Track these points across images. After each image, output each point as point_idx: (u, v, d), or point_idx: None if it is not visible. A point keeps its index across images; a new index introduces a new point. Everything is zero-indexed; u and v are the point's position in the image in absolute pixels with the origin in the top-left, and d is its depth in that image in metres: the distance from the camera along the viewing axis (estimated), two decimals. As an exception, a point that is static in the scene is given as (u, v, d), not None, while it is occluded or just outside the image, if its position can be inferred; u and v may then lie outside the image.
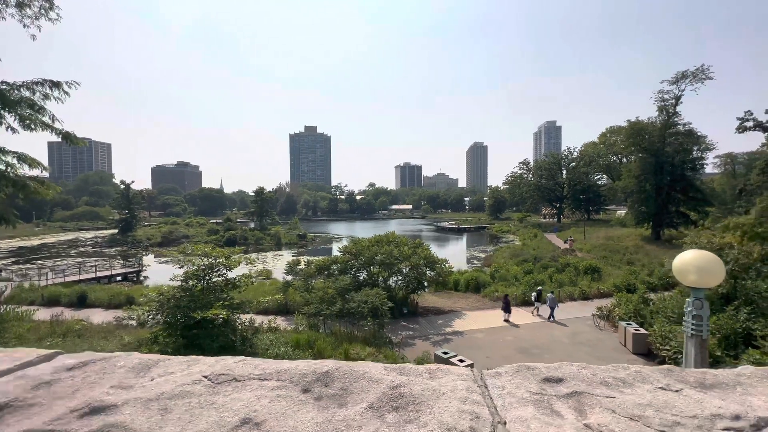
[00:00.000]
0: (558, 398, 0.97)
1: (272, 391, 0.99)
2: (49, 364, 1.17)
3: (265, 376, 1.08)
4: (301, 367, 1.11)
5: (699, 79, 46.62)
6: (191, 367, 1.16)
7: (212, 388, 1.03)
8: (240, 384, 1.05)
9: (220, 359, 1.22)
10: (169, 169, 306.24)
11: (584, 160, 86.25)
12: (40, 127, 12.08)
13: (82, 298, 25.13)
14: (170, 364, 1.19)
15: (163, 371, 1.15)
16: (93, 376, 1.10)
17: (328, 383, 1.04)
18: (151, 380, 1.08)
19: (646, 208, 49.11)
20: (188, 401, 0.96)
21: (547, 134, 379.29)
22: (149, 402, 0.95)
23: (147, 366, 1.18)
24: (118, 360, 1.20)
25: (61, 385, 1.04)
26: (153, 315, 10.87)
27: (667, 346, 15.51)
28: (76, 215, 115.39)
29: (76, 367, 1.15)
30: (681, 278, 5.35)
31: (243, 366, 1.14)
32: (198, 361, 1.21)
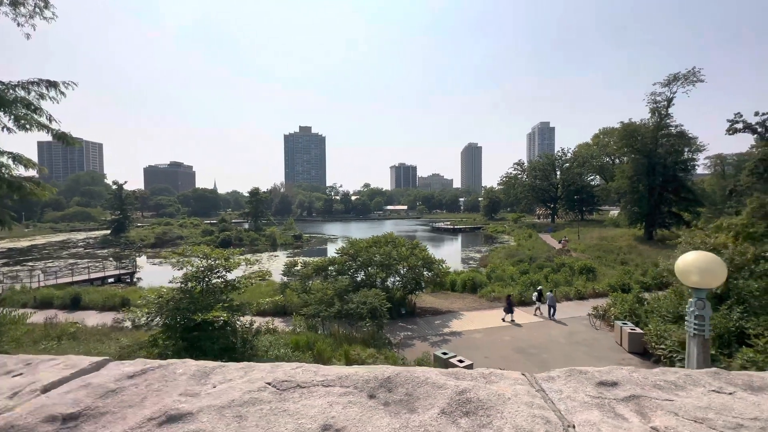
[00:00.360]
0: (618, 402, 0.99)
1: (341, 397, 1.00)
2: (107, 372, 1.18)
3: (328, 382, 1.09)
4: (362, 373, 1.12)
5: (690, 82, 47.40)
6: (248, 374, 1.17)
7: (279, 394, 1.04)
8: (306, 390, 1.06)
9: (276, 365, 1.23)
10: (162, 170, 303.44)
11: (578, 161, 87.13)
12: (36, 128, 11.92)
13: (75, 300, 24.81)
14: (227, 371, 1.20)
15: (222, 378, 1.16)
16: (156, 384, 1.11)
17: (391, 389, 1.05)
18: (214, 387, 1.09)
19: (639, 209, 49.75)
20: (260, 408, 0.97)
21: (541, 135, 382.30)
22: (222, 409, 0.96)
23: (205, 373, 1.18)
24: (176, 367, 1.21)
25: (128, 393, 1.05)
26: (152, 317, 10.77)
27: (663, 345, 15.73)
28: (66, 216, 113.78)
29: (137, 375, 1.16)
30: (683, 279, 5.45)
31: (303, 372, 1.15)
32: (253, 368, 1.22)
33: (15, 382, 1.14)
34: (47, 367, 1.25)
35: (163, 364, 1.23)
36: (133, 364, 1.25)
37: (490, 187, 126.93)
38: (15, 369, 1.25)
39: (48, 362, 1.30)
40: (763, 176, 45.92)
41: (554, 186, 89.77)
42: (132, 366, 1.23)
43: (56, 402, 0.97)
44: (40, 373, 1.21)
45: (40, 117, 11.64)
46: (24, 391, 1.07)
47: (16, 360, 1.32)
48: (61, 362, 1.29)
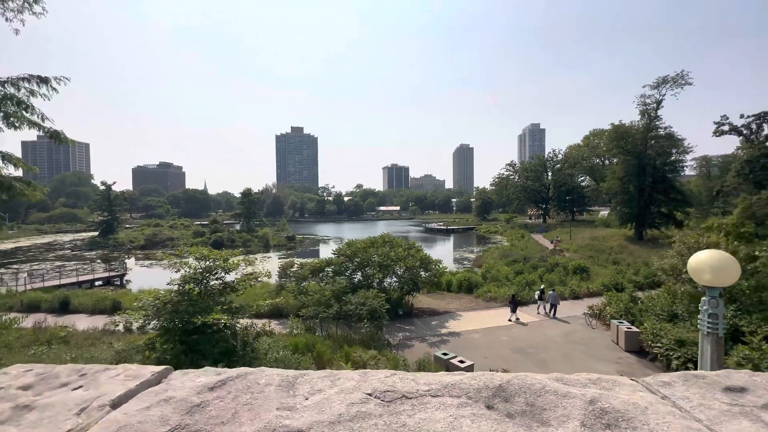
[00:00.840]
0: (759, 409, 0.92)
1: (460, 409, 0.90)
2: (180, 383, 1.05)
3: (435, 392, 0.99)
4: (468, 381, 1.02)
5: (679, 85, 48.33)
6: (337, 383, 1.06)
7: (387, 407, 0.94)
8: (416, 402, 0.96)
9: (365, 373, 1.12)
10: (151, 170, 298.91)
11: (569, 162, 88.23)
12: (26, 126, 11.54)
13: (64, 303, 24.15)
14: (311, 379, 1.08)
15: (310, 388, 1.04)
16: (243, 396, 0.99)
17: (507, 398, 0.96)
18: (306, 399, 0.98)
19: (629, 209, 50.51)
20: (374, 423, 0.87)
21: (532, 136, 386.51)
22: (334, 425, 0.85)
23: (290, 382, 1.07)
24: (256, 377, 1.09)
25: (215, 407, 0.93)
26: (149, 320, 10.49)
27: (659, 344, 15.92)
28: (52, 217, 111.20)
29: (217, 387, 1.04)
30: (696, 277, 5.46)
31: (401, 381, 1.05)
32: (338, 376, 1.11)
33: (78, 396, 1.01)
34: (107, 378, 1.12)
35: (240, 374, 1.11)
36: (204, 374, 1.13)
37: (482, 188, 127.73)
38: (71, 381, 1.12)
39: (104, 372, 1.17)
40: (748, 177, 47.05)
41: (546, 187, 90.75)
42: (205, 376, 1.11)
43: (140, 420, 0.86)
44: (102, 385, 1.08)
45: (31, 115, 11.26)
46: (92, 407, 0.95)
47: (68, 370, 1.20)
48: (120, 372, 1.16)
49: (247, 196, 79.73)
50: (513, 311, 21.68)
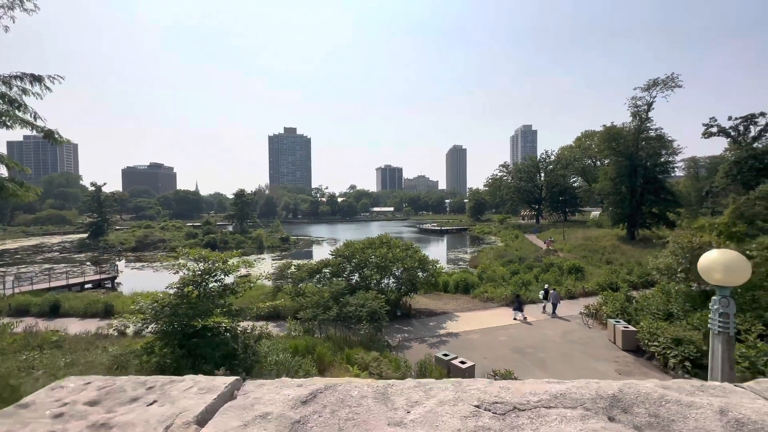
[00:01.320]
0: None
1: (583, 422, 0.84)
2: (267, 396, 0.97)
3: (545, 402, 0.93)
4: (576, 389, 0.97)
5: (669, 87, 49.14)
6: (432, 394, 0.99)
7: (502, 420, 0.87)
8: (531, 414, 0.89)
9: (458, 382, 1.05)
10: (142, 171, 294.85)
11: (561, 163, 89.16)
12: (19, 125, 11.24)
13: (54, 307, 23.59)
14: (402, 390, 1.01)
15: (406, 400, 0.97)
16: (341, 411, 0.91)
17: (626, 409, 0.90)
18: (408, 412, 0.91)
19: (621, 209, 51.18)
20: None
21: (524, 138, 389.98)
22: None
23: (383, 394, 0.99)
24: (347, 388, 1.01)
25: (318, 423, 0.86)
26: (148, 323, 10.27)
27: (656, 342, 16.08)
28: (40, 219, 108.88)
29: (310, 400, 0.96)
30: (707, 277, 5.49)
31: (505, 391, 0.98)
32: (430, 385, 1.03)
33: (157, 412, 0.93)
34: (179, 392, 1.03)
35: (328, 385, 1.03)
36: (284, 385, 1.04)
37: (475, 189, 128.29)
38: (139, 395, 1.03)
39: (172, 385, 1.08)
40: (736, 178, 48.05)
41: (539, 187, 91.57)
42: (288, 387, 1.03)
43: None
44: (177, 400, 1.00)
45: (24, 114, 10.97)
46: (176, 424, 0.87)
47: (131, 383, 1.11)
48: (191, 385, 1.07)
49: (241, 197, 79.01)
50: (519, 310, 21.86)
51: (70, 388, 1.09)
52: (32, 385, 5.62)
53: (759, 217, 31.07)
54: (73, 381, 1.14)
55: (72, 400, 1.00)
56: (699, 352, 14.61)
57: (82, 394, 1.03)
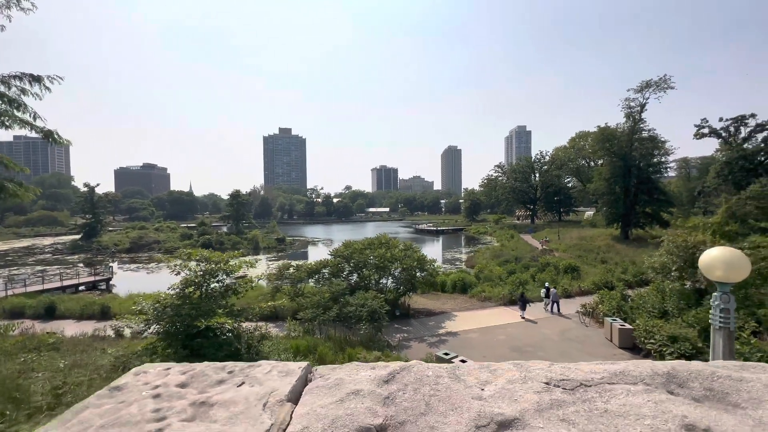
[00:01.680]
0: None
1: (647, 394, 0.92)
2: (350, 378, 1.04)
3: (608, 379, 1.01)
4: (633, 368, 1.05)
5: (661, 88, 49.80)
6: (499, 374, 1.06)
7: (573, 394, 0.95)
8: (598, 389, 0.97)
9: (519, 364, 1.13)
10: (135, 171, 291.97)
11: (555, 163, 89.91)
12: (17, 125, 11.15)
13: (50, 309, 23.35)
14: (470, 371, 1.09)
15: (476, 379, 1.04)
16: (423, 388, 0.98)
17: (682, 384, 0.99)
18: (482, 390, 0.98)
19: (615, 209, 51.73)
20: (575, 409, 0.88)
21: (518, 138, 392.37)
22: (542, 412, 0.86)
23: (454, 375, 1.07)
24: (422, 369, 1.08)
25: (406, 399, 0.93)
26: (150, 324, 10.24)
27: (652, 340, 16.31)
28: (31, 220, 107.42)
29: (391, 380, 1.02)
30: (708, 274, 5.64)
31: (568, 370, 1.06)
32: (494, 367, 1.11)
33: (251, 392, 0.99)
34: (262, 375, 1.10)
35: (403, 367, 1.11)
36: (359, 368, 1.11)
37: (471, 189, 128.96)
38: (224, 378, 1.09)
39: (251, 369, 1.15)
40: (728, 178, 48.83)
41: (533, 188, 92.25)
42: (363, 370, 1.10)
43: (348, 412, 0.84)
44: (264, 381, 1.06)
45: (23, 114, 10.89)
46: (272, 402, 0.93)
47: (211, 368, 1.17)
48: (271, 368, 1.14)
49: (236, 198, 78.61)
50: (523, 309, 22.11)
51: (152, 373, 1.15)
52: (42, 386, 5.61)
53: (750, 216, 31.64)
54: (153, 367, 1.20)
55: (162, 383, 1.06)
56: (694, 349, 14.87)
57: (169, 378, 1.09)
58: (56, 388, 5.71)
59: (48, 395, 5.39)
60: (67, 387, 5.69)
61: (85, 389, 5.71)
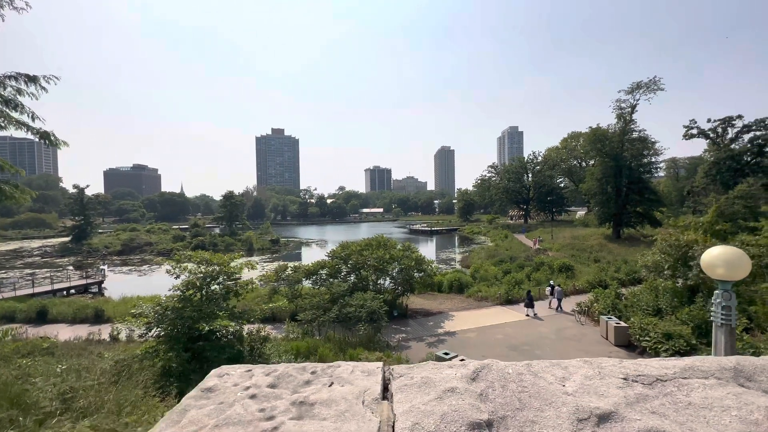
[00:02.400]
0: None
1: (721, 388, 0.99)
2: (438, 376, 1.08)
3: (678, 374, 1.07)
4: (700, 363, 1.11)
5: (651, 90, 50.65)
6: (572, 370, 1.12)
7: (652, 388, 1.01)
8: (675, 383, 1.03)
9: (590, 362, 1.18)
10: (125, 173, 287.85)
11: (548, 163, 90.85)
12: (13, 126, 10.97)
13: (41, 313, 22.94)
14: (543, 368, 1.14)
15: (552, 376, 1.10)
16: (510, 385, 1.02)
17: (749, 377, 1.06)
18: (563, 386, 1.04)
19: (607, 209, 52.45)
20: (660, 402, 0.94)
21: (510, 139, 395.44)
22: (632, 405, 0.91)
23: (530, 370, 1.12)
24: (500, 366, 1.13)
25: (498, 395, 0.97)
26: (152, 327, 10.14)
27: (647, 337, 16.61)
28: (18, 223, 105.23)
29: (476, 378, 1.07)
30: (709, 272, 5.79)
31: (638, 366, 1.12)
32: (565, 364, 1.17)
33: (344, 390, 1.02)
34: (347, 374, 1.14)
35: (483, 365, 1.15)
36: (437, 367, 1.16)
37: (464, 190, 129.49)
38: (311, 378, 1.12)
39: (333, 369, 1.18)
40: (716, 178, 49.89)
41: (526, 188, 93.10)
42: (447, 369, 1.14)
43: (454, 408, 0.89)
44: (353, 381, 1.10)
45: (20, 114, 10.72)
46: (368, 400, 0.97)
47: (293, 369, 1.20)
48: (351, 369, 1.17)
49: (230, 199, 78.01)
50: (530, 307, 22.36)
51: (236, 374, 1.17)
52: (50, 391, 5.53)
53: (738, 215, 32.41)
54: (233, 369, 1.22)
55: (252, 384, 1.09)
56: (689, 346, 15.19)
57: (255, 379, 1.12)
58: (63, 393, 5.63)
59: (56, 400, 5.31)
60: (74, 392, 5.61)
61: (93, 394, 5.64)
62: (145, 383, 7.34)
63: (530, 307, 22.54)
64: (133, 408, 5.52)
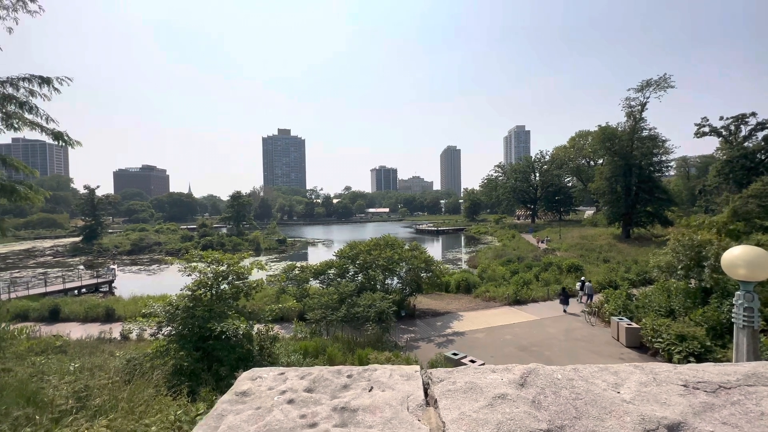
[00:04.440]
0: None
1: None
2: (485, 381, 1.03)
3: (742, 381, 1.01)
4: (762, 369, 1.05)
5: (662, 87, 49.85)
6: (623, 376, 1.06)
7: (716, 396, 0.95)
8: (741, 391, 0.97)
9: (641, 366, 1.12)
10: (134, 173, 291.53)
11: (556, 163, 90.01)
12: (28, 127, 11.12)
13: (54, 312, 23.29)
14: (591, 374, 1.08)
15: (604, 382, 1.04)
16: (563, 392, 0.96)
17: None
18: (618, 392, 0.98)
19: (617, 208, 51.78)
20: (730, 412, 0.88)
21: (517, 138, 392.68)
22: (699, 414, 0.86)
23: (579, 376, 1.06)
24: (547, 372, 1.08)
25: (550, 402, 0.92)
26: (163, 326, 10.21)
27: (660, 339, 16.32)
28: (30, 223, 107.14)
29: (525, 384, 1.01)
30: (730, 273, 5.64)
31: (691, 372, 1.06)
32: (615, 369, 1.11)
33: (386, 395, 0.97)
34: (386, 378, 1.09)
35: (530, 369, 1.10)
36: (480, 371, 1.10)
37: (471, 189, 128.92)
38: (348, 383, 1.08)
39: (371, 373, 1.14)
40: (729, 177, 48.98)
41: (534, 187, 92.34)
42: (491, 373, 1.09)
43: (511, 416, 0.84)
44: (394, 386, 1.05)
45: (35, 116, 10.86)
46: (412, 406, 0.93)
47: (327, 372, 1.16)
48: (389, 372, 1.12)
49: (237, 199, 78.51)
50: (565, 303, 22.64)
51: (269, 378, 1.13)
52: (65, 389, 5.58)
53: (752, 215, 31.75)
54: (266, 372, 1.18)
55: (288, 388, 1.05)
56: (703, 348, 14.88)
57: (291, 383, 1.08)
58: (78, 392, 5.68)
59: (71, 399, 5.35)
60: (89, 391, 5.66)
61: (107, 392, 5.67)
62: (156, 382, 7.38)
63: (565, 303, 22.49)
64: (147, 407, 5.54)
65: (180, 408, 5.68)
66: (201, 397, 7.31)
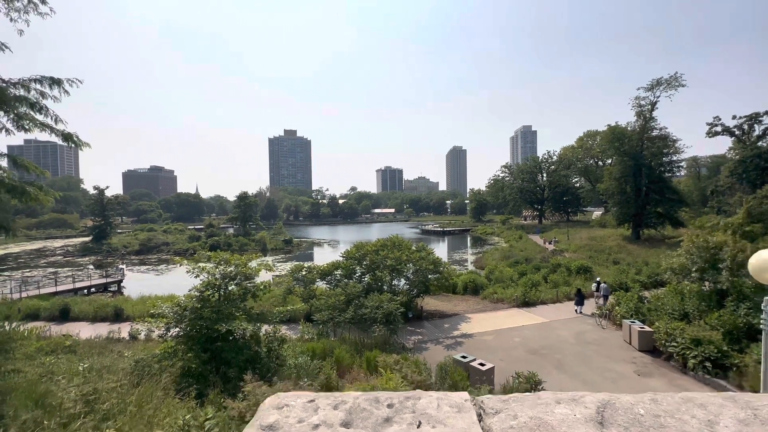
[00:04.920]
0: None
1: None
2: (558, 415, 0.88)
3: None
4: None
5: (672, 86, 49.08)
6: (712, 410, 0.91)
7: None
8: None
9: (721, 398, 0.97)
10: (142, 174, 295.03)
11: (563, 163, 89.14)
12: (38, 128, 11.16)
13: (64, 311, 23.48)
14: (672, 402, 0.93)
15: (691, 416, 0.89)
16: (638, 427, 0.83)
17: None
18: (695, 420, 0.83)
19: (626, 209, 51.04)
20: None
21: (524, 138, 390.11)
22: None
23: (672, 414, 0.91)
24: (625, 403, 0.93)
25: None
26: (172, 327, 10.17)
27: (674, 343, 15.92)
28: (41, 223, 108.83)
29: (603, 421, 0.87)
30: (758, 277, 5.41)
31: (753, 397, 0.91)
32: (696, 399, 0.96)
33: None
34: (433, 410, 0.94)
35: (603, 401, 0.95)
36: (542, 400, 0.96)
37: (477, 190, 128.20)
38: (389, 414, 0.93)
39: (415, 402, 0.99)
40: (742, 177, 48.03)
41: (541, 188, 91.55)
42: (555, 406, 0.94)
43: None
44: (445, 420, 0.90)
45: (45, 117, 10.90)
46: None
47: (364, 400, 1.02)
48: (436, 402, 0.97)
49: (243, 200, 78.91)
50: (580, 305, 22.39)
51: (298, 406, 0.99)
52: (74, 392, 5.52)
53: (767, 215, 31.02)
54: (292, 399, 1.04)
55: (322, 421, 0.91)
56: (719, 353, 14.47)
57: (323, 414, 0.94)
58: (86, 395, 5.62)
59: (79, 402, 5.29)
60: (97, 394, 5.60)
61: (116, 396, 5.61)
62: (165, 384, 7.32)
63: (580, 305, 22.22)
64: (155, 411, 5.47)
65: (188, 412, 5.60)
66: (209, 400, 7.23)
